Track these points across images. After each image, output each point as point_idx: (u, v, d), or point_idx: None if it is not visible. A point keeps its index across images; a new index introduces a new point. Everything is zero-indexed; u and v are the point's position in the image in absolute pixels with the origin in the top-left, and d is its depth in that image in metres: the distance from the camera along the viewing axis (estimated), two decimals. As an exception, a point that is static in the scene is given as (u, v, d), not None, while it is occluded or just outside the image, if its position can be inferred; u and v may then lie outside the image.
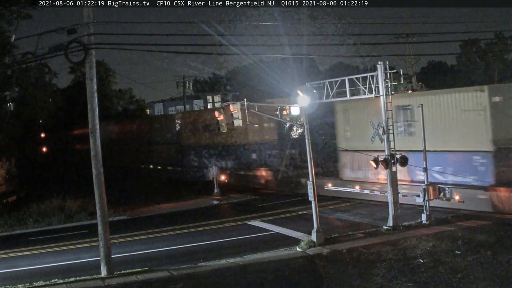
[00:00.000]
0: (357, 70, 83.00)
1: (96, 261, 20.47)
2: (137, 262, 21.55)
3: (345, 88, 25.88)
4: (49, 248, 25.56)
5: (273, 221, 28.25)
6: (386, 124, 24.19)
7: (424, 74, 78.69)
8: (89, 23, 19.03)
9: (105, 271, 19.50)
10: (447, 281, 16.38)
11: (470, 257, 18.58)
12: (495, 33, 71.01)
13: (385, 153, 24.05)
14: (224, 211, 33.95)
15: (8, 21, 35.83)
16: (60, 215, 32.58)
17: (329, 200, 32.31)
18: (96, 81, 19.92)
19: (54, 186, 44.51)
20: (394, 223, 23.77)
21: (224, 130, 26.21)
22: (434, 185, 24.83)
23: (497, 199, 25.33)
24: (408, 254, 19.70)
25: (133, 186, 48.54)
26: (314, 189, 22.51)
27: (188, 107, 77.76)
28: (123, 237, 26.50)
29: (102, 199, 19.77)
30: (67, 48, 18.61)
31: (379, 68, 24.33)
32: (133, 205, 36.96)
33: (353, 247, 21.13)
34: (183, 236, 26.60)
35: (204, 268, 20.01)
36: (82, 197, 35.68)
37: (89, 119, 19.74)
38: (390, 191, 24.05)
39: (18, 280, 19.69)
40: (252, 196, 37.73)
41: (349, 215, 28.54)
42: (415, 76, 56.71)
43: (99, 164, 19.74)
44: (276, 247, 22.22)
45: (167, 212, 34.36)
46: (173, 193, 41.77)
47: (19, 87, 42.37)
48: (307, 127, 22.97)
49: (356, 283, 16.92)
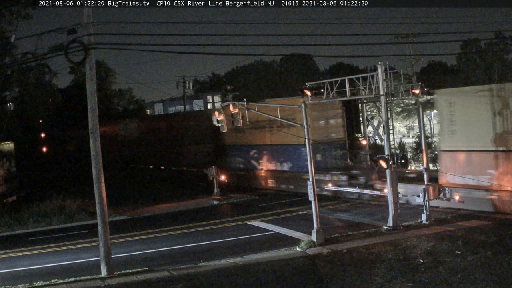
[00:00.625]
0: (357, 70, 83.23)
1: (96, 261, 20.48)
2: (137, 262, 21.55)
3: (345, 88, 25.93)
4: (49, 248, 25.54)
5: (273, 221, 28.26)
6: (386, 124, 24.23)
7: (424, 74, 78.68)
8: (89, 23, 19.04)
9: (105, 271, 19.50)
10: (447, 281, 16.38)
11: (470, 257, 18.58)
12: (495, 33, 71.10)
13: (385, 153, 24.08)
14: (224, 211, 33.94)
15: (8, 21, 35.83)
16: (60, 215, 32.54)
17: (329, 200, 32.37)
18: (96, 81, 19.95)
19: (54, 186, 44.52)
20: (394, 223, 23.78)
21: (225, 130, 26.06)
22: (434, 185, 24.87)
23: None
24: (408, 254, 19.70)
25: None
26: (314, 189, 22.51)
27: (188, 107, 77.78)
28: (123, 237, 26.51)
29: (102, 199, 19.77)
30: (67, 48, 18.61)
31: (379, 68, 24.37)
32: (133, 205, 37.01)
33: (353, 247, 21.14)
34: (183, 236, 26.60)
35: (204, 268, 20.01)
36: (82, 197, 35.69)
37: (89, 119, 19.74)
38: (390, 191, 24.06)
39: (18, 280, 19.68)
40: (252, 196, 37.74)
41: (349, 215, 28.54)
42: (415, 76, 56.72)
43: (99, 164, 19.73)
44: (276, 247, 22.23)
45: (167, 212, 34.36)
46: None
47: (19, 87, 42.36)
48: (307, 127, 22.96)
49: (356, 283, 16.92)
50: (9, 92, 40.86)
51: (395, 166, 24.14)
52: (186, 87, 66.18)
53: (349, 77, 26.18)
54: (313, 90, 26.63)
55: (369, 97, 27.36)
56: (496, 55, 74.59)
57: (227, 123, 25.56)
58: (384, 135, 24.31)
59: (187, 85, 66.87)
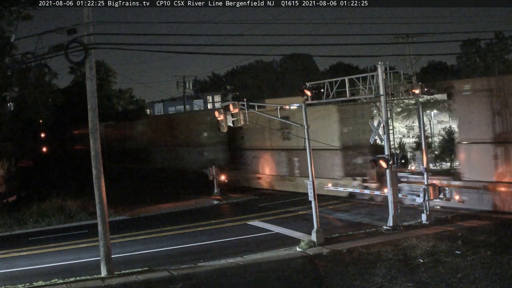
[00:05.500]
0: (357, 70, 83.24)
1: (96, 261, 20.47)
2: (137, 262, 21.55)
3: (345, 88, 25.92)
4: (49, 248, 25.55)
5: (273, 221, 28.26)
6: (386, 124, 24.21)
7: (424, 74, 78.72)
8: (89, 23, 19.04)
9: (105, 271, 19.50)
10: (447, 281, 16.37)
11: (470, 257, 18.57)
12: (495, 33, 71.18)
13: (385, 153, 24.07)
14: (224, 211, 33.94)
15: (8, 21, 35.80)
16: (60, 215, 32.54)
17: (329, 200, 32.35)
18: (96, 81, 19.94)
19: (54, 186, 44.47)
20: (394, 223, 23.77)
21: (225, 130, 25.99)
22: (434, 185, 24.85)
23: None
24: (408, 254, 19.69)
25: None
26: (314, 189, 22.50)
27: (188, 107, 77.74)
28: (123, 237, 26.50)
29: (102, 199, 19.76)
30: (67, 48, 18.61)
31: (379, 68, 24.35)
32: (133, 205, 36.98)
33: (353, 247, 21.13)
34: (183, 236, 26.60)
35: (204, 268, 20.01)
36: (82, 197, 35.66)
37: (89, 119, 19.74)
38: (390, 191, 24.05)
39: (18, 280, 19.69)
40: (252, 196, 37.73)
41: (349, 215, 28.54)
42: (415, 76, 56.74)
43: (99, 164, 19.74)
44: (276, 247, 22.23)
45: (167, 212, 34.35)
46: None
47: (19, 87, 42.33)
48: (307, 127, 22.95)
49: (356, 283, 16.91)
50: (9, 92, 40.83)
51: (395, 166, 24.14)
52: (186, 87, 66.11)
53: (349, 77, 26.17)
54: (313, 90, 26.60)
55: (369, 97, 27.35)
56: (496, 55, 74.66)
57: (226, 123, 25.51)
58: (384, 135, 24.30)
59: (187, 85, 66.80)
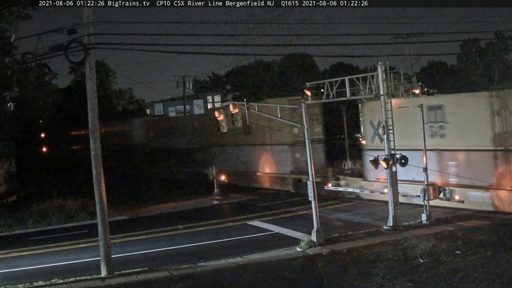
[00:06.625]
0: (357, 70, 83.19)
1: (96, 261, 20.48)
2: (137, 262, 21.56)
3: (345, 88, 25.92)
4: (49, 248, 25.55)
5: (273, 221, 28.26)
6: (386, 124, 24.20)
7: (424, 74, 78.70)
8: (89, 23, 19.04)
9: (105, 271, 19.50)
10: (447, 281, 16.37)
11: (470, 257, 18.57)
12: (495, 33, 71.13)
13: (385, 153, 24.07)
14: (224, 211, 33.95)
15: (8, 21, 35.80)
16: (60, 215, 32.54)
17: (329, 200, 32.35)
18: (96, 81, 19.94)
19: (54, 186, 44.50)
20: (394, 223, 23.77)
21: (225, 130, 26.02)
22: (434, 185, 24.85)
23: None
24: (408, 254, 19.69)
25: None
26: (314, 189, 22.50)
27: (188, 107, 77.76)
28: (123, 237, 26.51)
29: (102, 199, 19.76)
30: (67, 48, 18.60)
31: (379, 68, 24.36)
32: (133, 205, 37.00)
33: (353, 247, 21.13)
34: (183, 236, 26.60)
35: (204, 268, 20.01)
36: (82, 197, 35.68)
37: (89, 119, 19.75)
38: (390, 191, 24.05)
39: (18, 280, 19.69)
40: (252, 196, 37.73)
41: (349, 215, 28.54)
42: (415, 76, 56.70)
43: (99, 164, 19.74)
44: (276, 247, 22.23)
45: (167, 212, 34.35)
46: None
47: (19, 87, 42.34)
48: (307, 127, 22.96)
49: (356, 283, 16.90)
50: (9, 92, 40.82)
51: (395, 166, 24.13)
52: (186, 87, 66.10)
53: (349, 77, 26.18)
54: (313, 90, 26.65)
55: (369, 97, 27.35)
56: (496, 55, 74.67)
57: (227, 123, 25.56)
58: (384, 135, 24.29)
59: (187, 85, 66.80)
